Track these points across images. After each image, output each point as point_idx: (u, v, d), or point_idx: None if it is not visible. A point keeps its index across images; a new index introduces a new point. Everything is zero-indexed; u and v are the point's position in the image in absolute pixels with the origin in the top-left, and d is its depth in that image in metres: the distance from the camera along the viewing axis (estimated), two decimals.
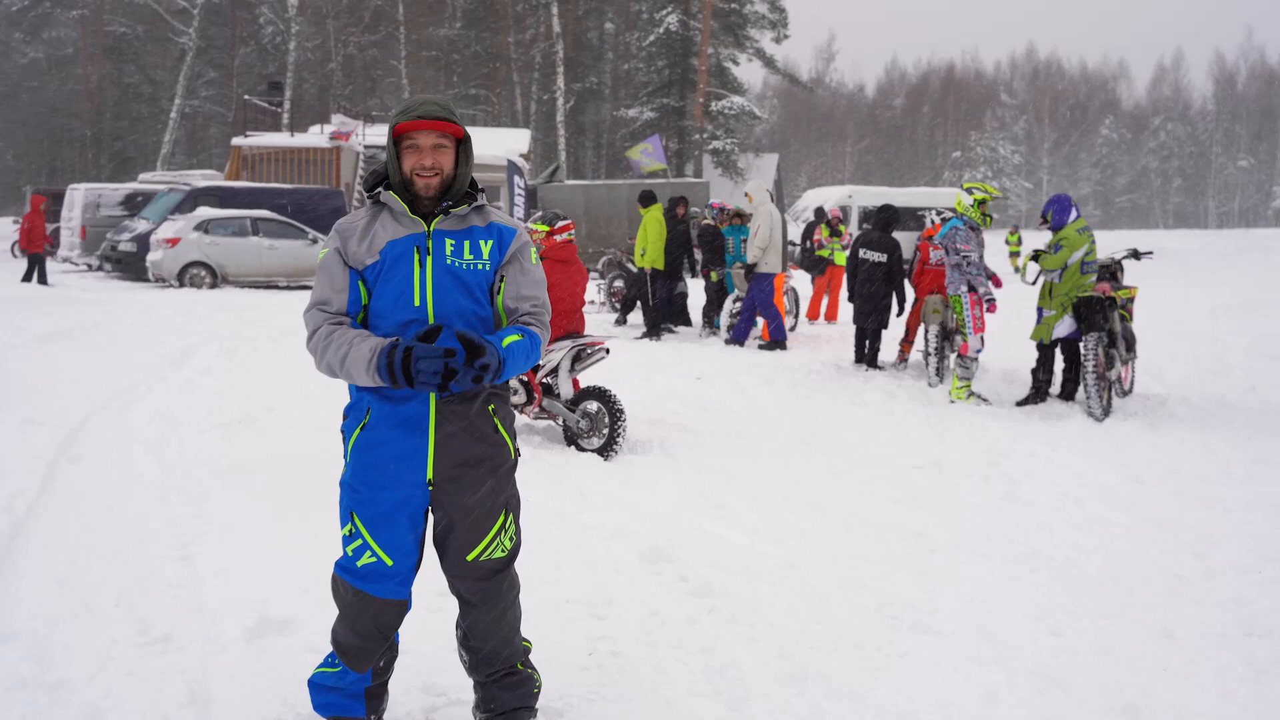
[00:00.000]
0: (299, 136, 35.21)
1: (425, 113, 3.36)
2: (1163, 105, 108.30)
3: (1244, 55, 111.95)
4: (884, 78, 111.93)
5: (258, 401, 9.74)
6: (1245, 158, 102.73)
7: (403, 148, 3.42)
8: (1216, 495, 7.06)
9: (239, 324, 15.41)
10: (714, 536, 5.98)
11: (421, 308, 3.36)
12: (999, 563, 5.69)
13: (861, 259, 12.71)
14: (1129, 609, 5.00)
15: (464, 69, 60.63)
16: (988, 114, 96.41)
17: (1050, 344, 10.32)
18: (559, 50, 53.50)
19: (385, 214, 3.48)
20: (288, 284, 23.37)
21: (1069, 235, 10.13)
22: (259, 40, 65.04)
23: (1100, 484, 7.35)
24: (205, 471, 7.26)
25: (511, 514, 3.58)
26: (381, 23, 59.04)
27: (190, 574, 5.27)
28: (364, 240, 3.44)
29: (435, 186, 3.40)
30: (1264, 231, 60.97)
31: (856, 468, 7.84)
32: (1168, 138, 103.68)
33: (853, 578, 5.36)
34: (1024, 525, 6.39)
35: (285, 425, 8.85)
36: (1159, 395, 10.72)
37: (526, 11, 60.32)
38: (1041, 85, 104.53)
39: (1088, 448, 8.49)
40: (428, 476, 3.40)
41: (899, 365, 12.44)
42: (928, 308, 11.62)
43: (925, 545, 5.96)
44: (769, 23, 56.19)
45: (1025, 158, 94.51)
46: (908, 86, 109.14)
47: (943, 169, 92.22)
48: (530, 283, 3.53)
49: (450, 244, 3.42)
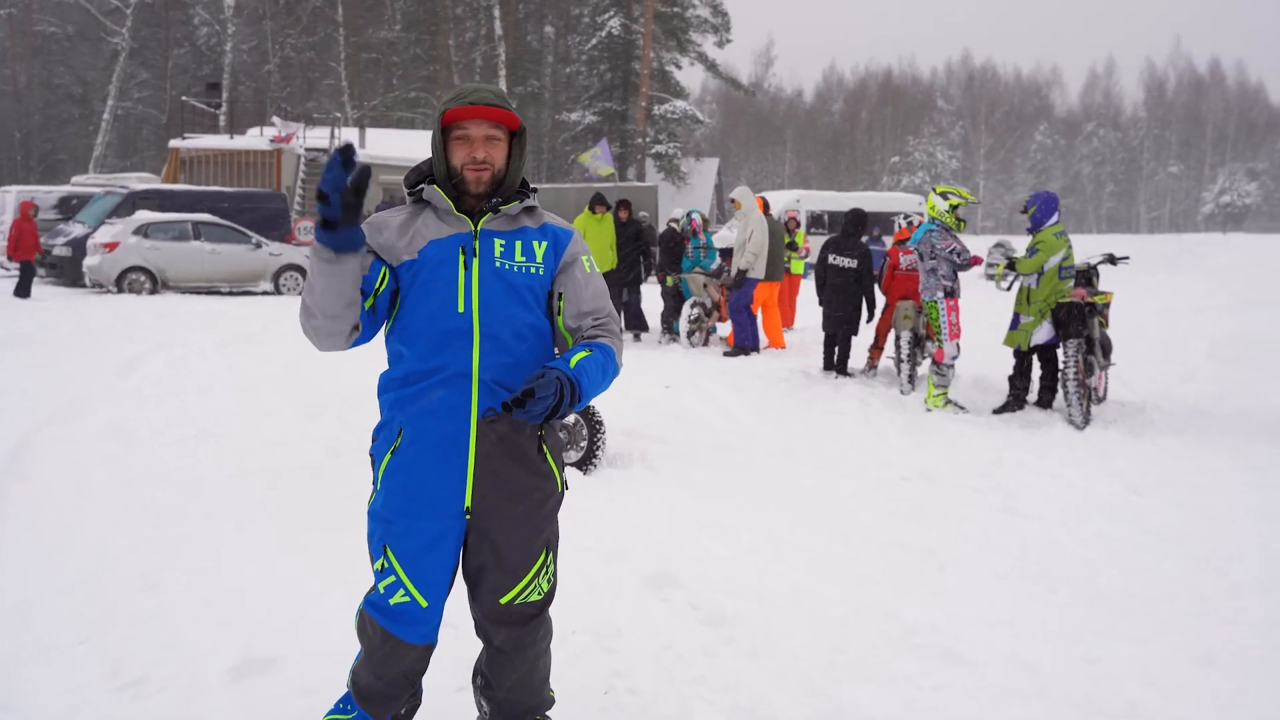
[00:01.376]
0: (239, 139, 34.48)
1: (479, 99, 3.02)
2: (1095, 112, 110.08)
3: (1173, 63, 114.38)
4: (822, 83, 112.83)
5: (214, 413, 9.30)
6: (1175, 164, 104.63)
7: (451, 138, 3.08)
8: (1216, 507, 6.89)
9: (185, 331, 14.90)
10: (716, 557, 5.69)
11: (466, 314, 3.00)
12: (1014, 581, 5.45)
13: (831, 264, 12.50)
14: (1162, 632, 4.77)
15: (404, 71, 60.04)
16: (925, 120, 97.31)
17: (1028, 351, 10.16)
18: (501, 53, 53.09)
19: (428, 212, 3.13)
20: (230, 289, 22.78)
21: (1045, 239, 9.97)
22: (193, 41, 63.96)
23: (1097, 495, 7.15)
24: (167, 490, 6.85)
25: (552, 553, 3.24)
26: (319, 24, 58.22)
27: (161, 606, 4.88)
28: (403, 235, 3.09)
29: (486, 181, 3.07)
30: (1194, 236, 61.87)
31: (843, 479, 7.58)
32: (1100, 144, 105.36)
33: (868, 600, 5.09)
34: (1028, 540, 6.16)
35: (245, 438, 8.42)
36: (1133, 402, 10.59)
37: (467, 14, 59.87)
38: (977, 92, 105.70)
39: (1075, 457, 8.31)
40: (466, 504, 3.05)
41: (869, 372, 12.24)
42: (899, 314, 11.43)
43: (933, 562, 5.71)
44: (711, 26, 56.19)
45: (962, 163, 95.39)
46: (846, 92, 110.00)
47: (881, 174, 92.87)
48: (593, 294, 3.16)
49: (500, 244, 3.08)
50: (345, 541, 5.69)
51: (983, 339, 13.55)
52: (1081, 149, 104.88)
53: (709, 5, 55.74)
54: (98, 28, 54.79)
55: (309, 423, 8.98)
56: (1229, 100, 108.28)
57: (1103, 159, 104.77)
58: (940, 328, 10.18)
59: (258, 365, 12.05)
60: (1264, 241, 51.21)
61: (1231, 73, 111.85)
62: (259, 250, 22.58)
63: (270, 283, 22.83)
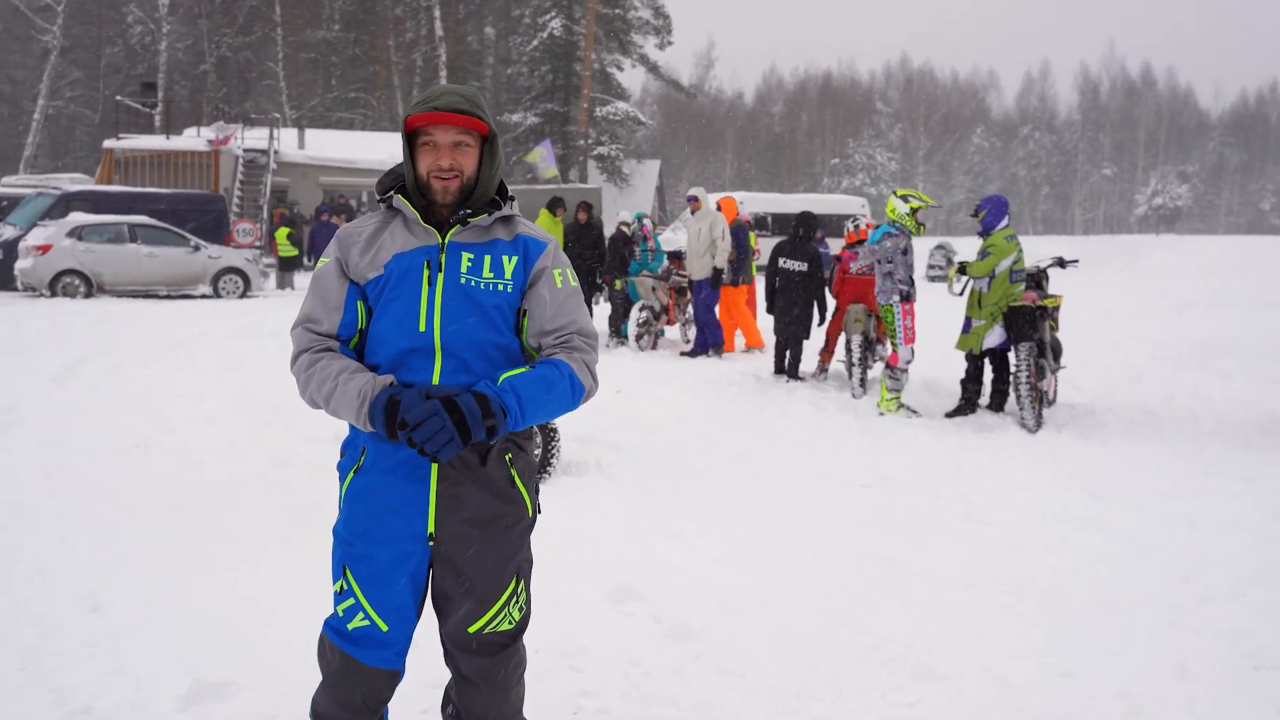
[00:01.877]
0: (175, 139, 33.89)
1: (444, 104, 2.85)
2: (1031, 115, 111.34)
3: (1106, 67, 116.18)
4: (762, 85, 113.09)
5: (155, 423, 9.04)
6: (1109, 166, 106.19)
7: (418, 145, 2.92)
8: (1178, 512, 6.89)
9: (123, 337, 14.51)
10: (678, 568, 5.58)
11: (427, 334, 2.85)
12: (981, 591, 5.40)
13: (781, 268, 12.44)
14: (1133, 643, 4.72)
15: (343, 72, 59.39)
16: (864, 122, 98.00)
17: (980, 354, 10.16)
18: (441, 54, 52.68)
19: (397, 222, 2.98)
20: (169, 293, 22.32)
21: (997, 243, 9.97)
22: (127, 40, 62.90)
23: (1057, 501, 7.13)
24: (108, 505, 6.60)
25: (523, 580, 3.08)
26: (256, 24, 57.45)
27: (105, 629, 4.67)
28: (369, 251, 2.93)
29: (454, 190, 2.90)
30: (1129, 237, 62.80)
31: (802, 486, 7.51)
32: (1036, 146, 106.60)
33: (836, 611, 5.01)
34: (994, 548, 6.12)
35: (188, 449, 8.19)
36: (1083, 404, 10.63)
37: (406, 14, 59.34)
38: (915, 94, 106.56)
39: (1031, 462, 8.30)
40: (429, 529, 2.89)
41: (820, 376, 12.18)
42: (849, 317, 11.39)
43: (900, 572, 5.64)
44: (653, 28, 56.04)
45: (901, 165, 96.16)
46: (785, 94, 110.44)
47: (821, 176, 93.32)
48: (557, 311, 2.98)
49: (468, 259, 2.90)
50: (297, 557, 5.53)
51: (932, 342, 13.56)
52: (1018, 151, 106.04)
53: (650, 7, 55.63)
54: (28, 25, 53.67)
55: (255, 432, 8.76)
56: (1160, 104, 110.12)
57: (1038, 161, 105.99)
58: (895, 332, 10.15)
59: (199, 372, 11.76)
60: (1195, 243, 52.05)
61: (1163, 77, 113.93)
62: (198, 253, 22.13)
63: (209, 286, 22.38)
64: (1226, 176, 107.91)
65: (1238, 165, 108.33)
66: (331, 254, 2.99)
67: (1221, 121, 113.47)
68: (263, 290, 23.52)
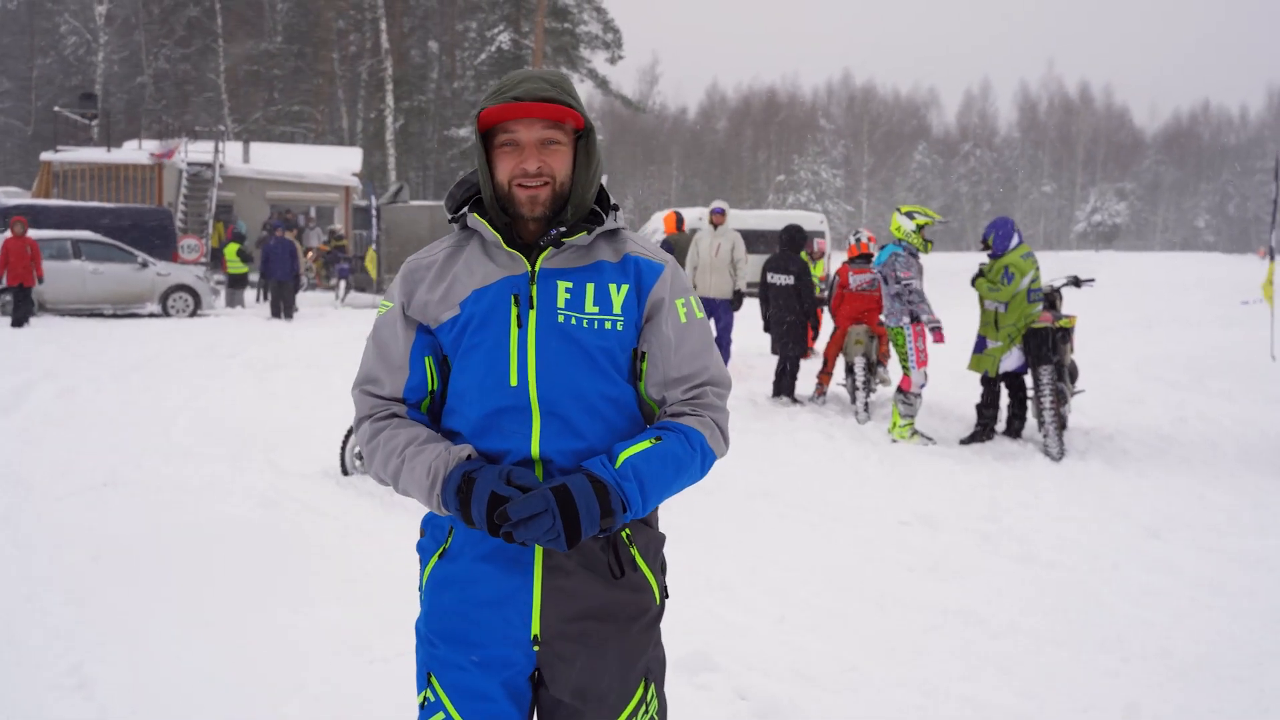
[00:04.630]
0: (116, 152, 32.78)
1: (528, 92, 2.27)
2: (971, 132, 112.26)
3: (1045, 85, 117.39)
4: (706, 101, 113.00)
5: (120, 456, 8.32)
6: (1048, 183, 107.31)
7: (495, 147, 2.33)
8: (1246, 550, 6.42)
9: (71, 359, 13.68)
10: (741, 628, 4.99)
11: (520, 389, 2.26)
12: (1077, 650, 4.85)
13: (770, 283, 11.94)
14: (1269, 708, 4.22)
15: (286, 85, 58.20)
16: (808, 139, 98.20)
17: (996, 377, 9.68)
18: (388, 67, 51.86)
19: (473, 246, 2.40)
20: (115, 311, 21.36)
21: (1015, 261, 9.52)
22: (60, 51, 61.30)
23: (1115, 540, 6.63)
24: (79, 554, 5.91)
25: (654, 684, 2.45)
26: (196, 35, 56.13)
27: (94, 713, 4.01)
28: (438, 284, 2.36)
29: (544, 201, 2.31)
30: (1070, 254, 63.32)
31: (839, 526, 6.95)
32: (977, 163, 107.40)
33: (930, 681, 4.44)
34: (1069, 597, 5.59)
35: (161, 486, 7.49)
36: (1095, 429, 10.18)
37: (350, 27, 58.36)
38: (858, 111, 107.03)
39: (1070, 495, 7.81)
40: (533, 632, 2.29)
41: (818, 399, 11.65)
42: (850, 339, 10.92)
43: (982, 629, 5.09)
44: (602, 43, 55.69)
45: (846, 181, 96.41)
46: (729, 110, 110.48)
47: (766, 191, 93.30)
48: (688, 355, 2.38)
49: (565, 289, 2.31)
50: (306, 621, 4.91)
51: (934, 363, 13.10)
52: (959, 168, 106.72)
53: (600, 22, 55.26)
54: None
55: (233, 467, 8.06)
56: (1098, 122, 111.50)
57: (979, 178, 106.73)
58: (907, 355, 9.65)
59: (160, 397, 11.00)
60: (1134, 259, 52.66)
61: (1100, 96, 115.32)
62: (145, 270, 21.22)
63: (158, 304, 21.46)
64: (1162, 194, 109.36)
65: (1172, 183, 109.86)
66: (395, 295, 2.42)
67: (1156, 140, 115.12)
68: (214, 309, 22.65)
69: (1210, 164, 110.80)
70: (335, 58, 58.36)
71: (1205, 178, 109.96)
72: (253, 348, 15.50)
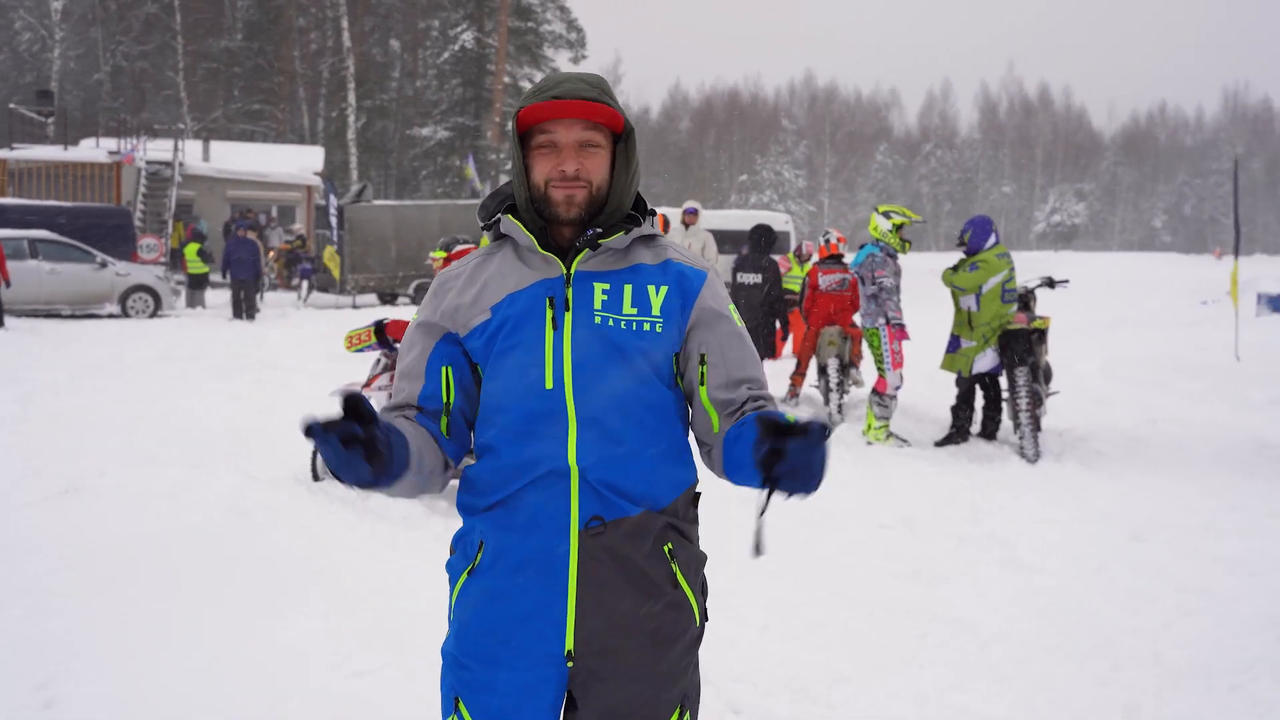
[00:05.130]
0: (73, 150, 32.31)
1: (567, 91, 2.20)
2: (932, 133, 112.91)
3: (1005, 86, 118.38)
4: (669, 101, 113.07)
5: (82, 463, 8.11)
6: (1008, 184, 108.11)
7: (532, 149, 2.26)
8: (1227, 553, 6.37)
9: (28, 361, 13.41)
10: (728, 639, 4.87)
11: (556, 391, 2.17)
12: (1069, 656, 4.78)
13: (739, 283, 11.89)
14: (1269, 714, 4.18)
15: (246, 83, 57.63)
16: (771, 139, 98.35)
17: (970, 378, 9.64)
18: (349, 65, 51.47)
19: (506, 251, 2.33)
20: (73, 312, 21.02)
21: (988, 259, 9.48)
22: (14, 47, 60.36)
23: (1099, 543, 6.57)
24: (41, 566, 5.73)
25: (689, 712, 2.34)
26: (154, 32, 55.51)
27: None
28: (469, 289, 2.29)
29: (580, 203, 2.24)
30: (1029, 254, 63.75)
31: (822, 530, 6.86)
32: (938, 164, 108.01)
33: (924, 692, 4.36)
34: (1057, 602, 5.52)
35: (125, 493, 7.30)
36: (1068, 430, 10.16)
37: (311, 25, 57.91)
38: (820, 112, 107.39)
39: (1050, 497, 7.76)
40: (566, 647, 2.18)
41: (791, 401, 11.58)
42: (823, 340, 10.86)
43: (971, 637, 5.01)
44: (566, 42, 55.55)
45: (808, 182, 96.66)
46: (692, 110, 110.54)
47: (729, 192, 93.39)
48: (749, 357, 2.32)
49: (602, 290, 2.24)
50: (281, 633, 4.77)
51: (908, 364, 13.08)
52: (920, 169, 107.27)
53: (563, 21, 55.12)
54: None
55: (198, 473, 7.87)
56: (1057, 124, 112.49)
57: (940, 179, 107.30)
58: (883, 356, 9.59)
59: (121, 401, 10.79)
60: (1094, 259, 53.12)
61: (1059, 97, 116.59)
62: (104, 270, 20.91)
63: (117, 304, 21.14)
64: (1120, 194, 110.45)
65: (1130, 184, 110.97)
66: (425, 304, 2.35)
67: (1114, 141, 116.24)
68: (174, 309, 22.34)
69: (1167, 165, 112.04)
70: (296, 55, 57.92)
71: (1162, 179, 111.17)
72: (216, 350, 15.28)
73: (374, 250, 27.37)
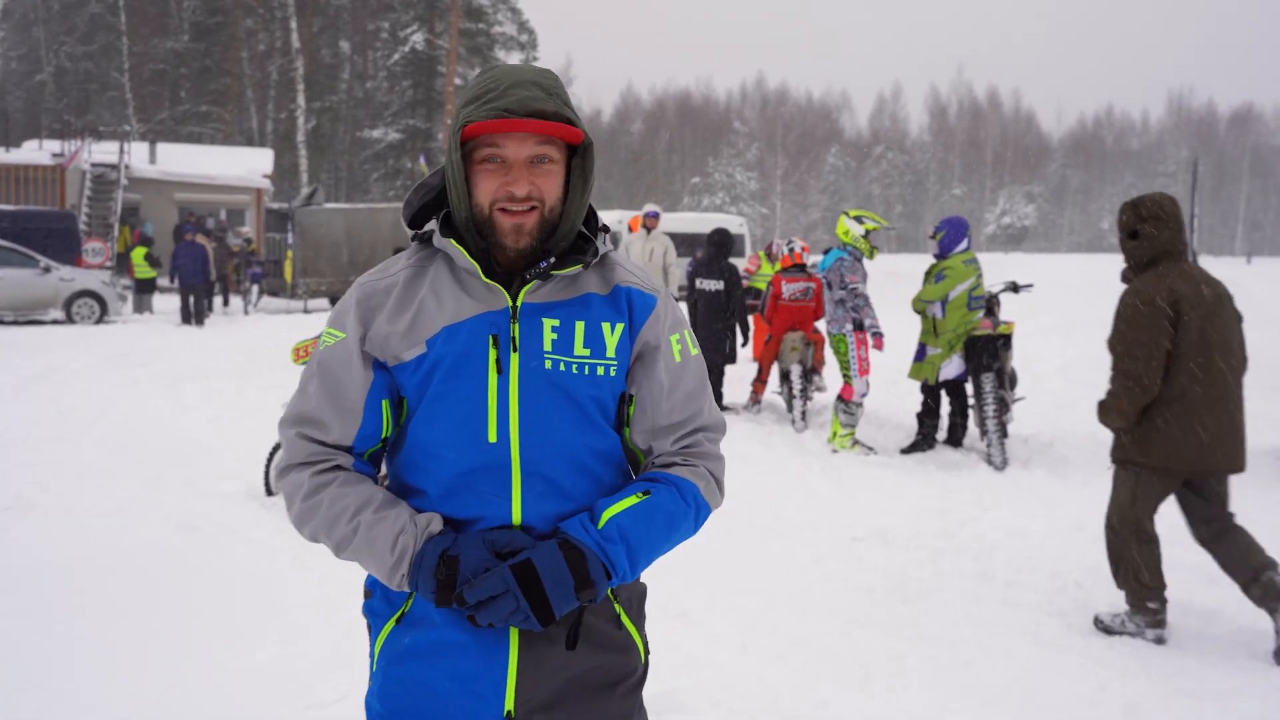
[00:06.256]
0: (14, 152, 31.63)
1: (521, 103, 1.91)
2: (883, 135, 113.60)
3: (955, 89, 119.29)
4: (620, 103, 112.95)
5: (25, 476, 7.81)
6: (959, 186, 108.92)
7: (476, 163, 1.98)
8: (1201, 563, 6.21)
9: None
10: (705, 661, 4.70)
11: (500, 446, 1.95)
12: (1054, 676, 4.63)
13: (699, 289, 11.71)
14: None
15: (193, 84, 56.84)
16: (723, 141, 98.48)
17: (936, 385, 9.53)
18: (299, 67, 50.89)
19: (439, 268, 2.05)
20: (15, 318, 20.54)
21: (954, 266, 9.37)
22: None
23: (1074, 555, 6.45)
24: None
25: None
26: (99, 32, 54.62)
27: None
28: (401, 314, 2.00)
29: (532, 230, 1.98)
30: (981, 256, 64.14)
31: (793, 543, 6.71)
32: (889, 166, 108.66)
33: (910, 712, 4.20)
34: (1036, 618, 5.39)
35: (71, 510, 7.02)
36: (1033, 436, 10.06)
37: (259, 25, 57.21)
38: (772, 114, 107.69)
39: (1020, 507, 7.64)
40: (506, 708, 1.97)
41: (753, 408, 11.42)
42: (786, 346, 10.72)
43: (952, 655, 4.84)
44: (517, 44, 55.29)
45: (760, 184, 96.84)
46: (644, 112, 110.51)
47: (682, 194, 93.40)
48: (681, 399, 2.10)
49: (551, 329, 1.99)
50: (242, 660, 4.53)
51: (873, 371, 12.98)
52: (871, 171, 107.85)
53: (515, 23, 54.84)
54: None
55: (149, 488, 7.59)
56: (1005, 126, 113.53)
57: (891, 181, 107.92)
58: (849, 363, 9.45)
59: (69, 411, 10.45)
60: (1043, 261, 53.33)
61: (1008, 100, 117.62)
62: (48, 275, 20.43)
63: (61, 311, 20.67)
64: (1068, 197, 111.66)
65: (1078, 186, 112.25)
66: (347, 323, 2.03)
67: (1063, 144, 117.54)
68: (120, 315, 21.88)
69: (1114, 167, 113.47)
70: (244, 57, 57.24)
71: (1109, 180, 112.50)
72: (164, 357, 14.92)
73: (325, 254, 26.99)
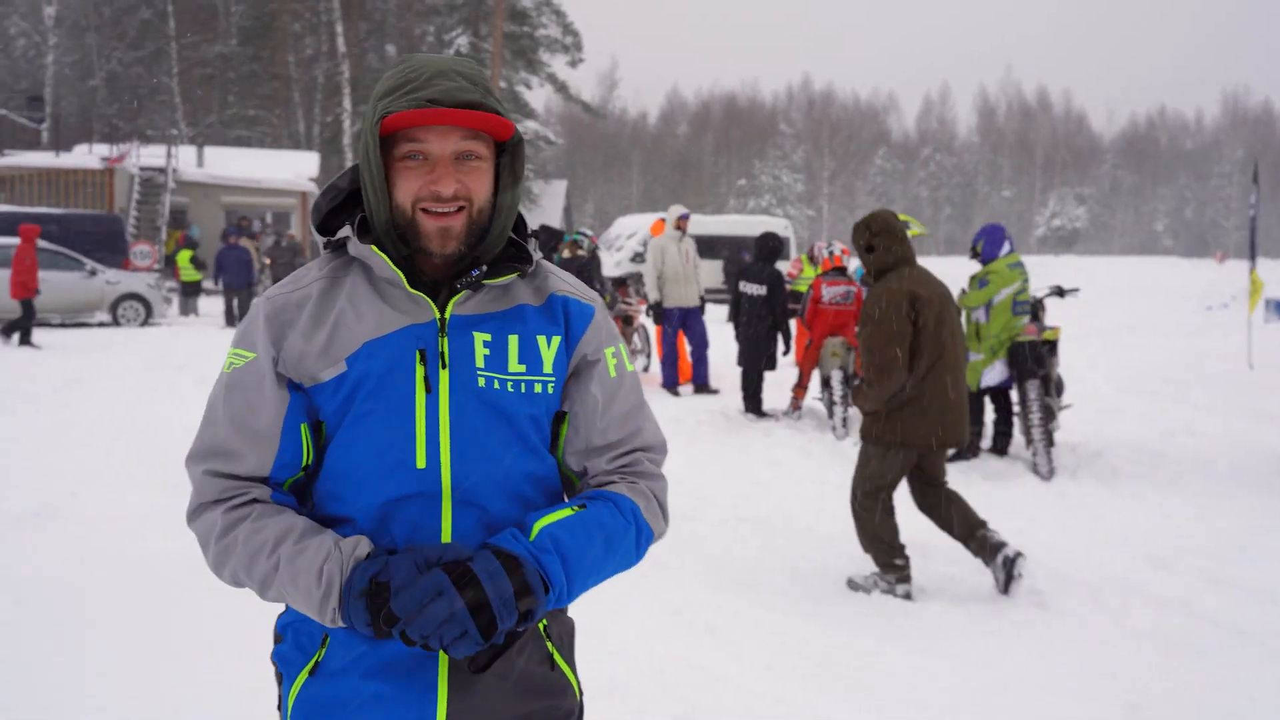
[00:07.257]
0: (65, 156, 31.97)
1: (446, 93, 1.75)
2: (931, 137, 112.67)
3: (1004, 90, 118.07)
4: (666, 105, 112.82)
5: (53, 483, 7.75)
6: (1008, 188, 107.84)
7: (396, 159, 1.80)
8: (1263, 583, 6.00)
9: (10, 373, 13.08)
10: (724, 679, 4.50)
11: (430, 472, 1.78)
12: (1096, 708, 4.43)
13: (742, 293, 11.54)
14: None
15: (241, 88, 57.29)
16: (769, 143, 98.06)
17: (979, 392, 9.30)
18: (345, 71, 51.13)
19: (356, 277, 1.87)
20: (62, 321, 20.69)
21: (999, 270, 9.15)
22: (10, 53, 60.05)
23: (1121, 573, 6.20)
24: (5, 599, 5.37)
25: None
26: (149, 38, 55.08)
27: None
28: (316, 331, 1.82)
29: (459, 234, 1.81)
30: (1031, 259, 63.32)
31: (828, 556, 6.51)
32: (936, 168, 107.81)
33: None
34: (1078, 642, 5.15)
35: (101, 517, 6.94)
36: (1081, 444, 9.79)
37: (306, 30, 57.59)
38: (818, 116, 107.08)
39: (1066, 520, 7.40)
40: None
41: (793, 414, 11.23)
42: (826, 351, 10.53)
43: (989, 677, 4.64)
44: (562, 46, 55.25)
45: (806, 186, 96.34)
46: (689, 115, 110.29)
47: (728, 196, 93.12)
48: (618, 417, 1.94)
49: (483, 343, 1.83)
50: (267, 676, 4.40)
51: None
52: (919, 173, 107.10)
53: (560, 25, 54.80)
54: None
55: (176, 496, 7.47)
56: (1056, 127, 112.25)
57: (939, 183, 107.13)
58: None
59: (103, 416, 10.43)
60: (1094, 264, 52.74)
61: (1059, 101, 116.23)
62: (94, 278, 20.58)
63: (108, 313, 20.82)
64: (1120, 198, 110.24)
65: (1130, 187, 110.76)
66: (257, 342, 1.84)
67: (1114, 145, 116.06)
68: (165, 317, 22.01)
69: (1167, 168, 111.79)
70: (291, 60, 57.59)
71: (1162, 182, 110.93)
72: (204, 361, 14.91)
73: None
